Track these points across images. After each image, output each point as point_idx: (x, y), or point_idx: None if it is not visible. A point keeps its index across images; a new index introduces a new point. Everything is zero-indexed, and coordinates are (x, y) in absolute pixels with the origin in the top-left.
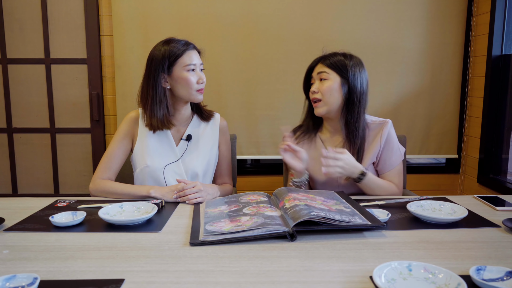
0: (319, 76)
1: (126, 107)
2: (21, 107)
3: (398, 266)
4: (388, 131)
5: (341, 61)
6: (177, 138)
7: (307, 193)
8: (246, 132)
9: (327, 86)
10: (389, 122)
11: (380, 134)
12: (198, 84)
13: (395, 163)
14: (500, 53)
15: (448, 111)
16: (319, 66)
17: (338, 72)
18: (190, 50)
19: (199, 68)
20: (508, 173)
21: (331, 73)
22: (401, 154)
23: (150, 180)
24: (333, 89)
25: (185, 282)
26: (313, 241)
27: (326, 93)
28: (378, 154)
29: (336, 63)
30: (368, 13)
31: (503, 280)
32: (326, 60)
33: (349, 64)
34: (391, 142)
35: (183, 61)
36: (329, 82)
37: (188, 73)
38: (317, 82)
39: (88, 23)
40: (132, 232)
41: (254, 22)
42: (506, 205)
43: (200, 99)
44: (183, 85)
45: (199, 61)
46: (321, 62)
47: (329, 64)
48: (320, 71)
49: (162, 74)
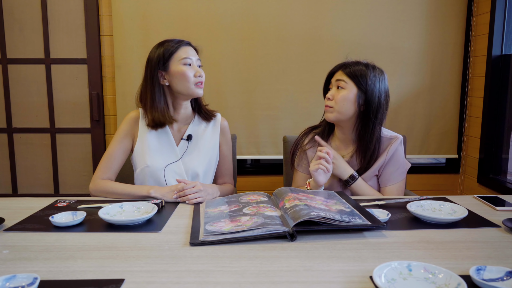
0: (337, 83)
1: (126, 107)
2: (21, 107)
3: (398, 266)
4: (396, 148)
5: (362, 71)
6: (178, 138)
7: (307, 193)
8: (246, 132)
9: (342, 96)
10: (399, 139)
11: (388, 150)
12: (196, 77)
13: (396, 179)
14: (500, 53)
15: (448, 111)
16: (339, 73)
17: (356, 82)
18: (184, 45)
19: (196, 63)
20: (508, 173)
21: (349, 82)
22: (405, 172)
23: (151, 180)
24: (347, 99)
25: (185, 282)
26: (313, 241)
27: (340, 102)
28: (381, 168)
29: (356, 72)
30: (368, 13)
31: (503, 280)
32: (347, 68)
33: (369, 76)
34: (397, 159)
35: (178, 56)
36: (345, 91)
37: (184, 67)
38: (333, 89)
39: (88, 23)
40: (132, 232)
41: (254, 22)
42: (506, 205)
43: (200, 94)
44: (180, 79)
45: (195, 56)
46: (342, 70)
47: (349, 73)
48: (338, 78)
49: (159, 72)
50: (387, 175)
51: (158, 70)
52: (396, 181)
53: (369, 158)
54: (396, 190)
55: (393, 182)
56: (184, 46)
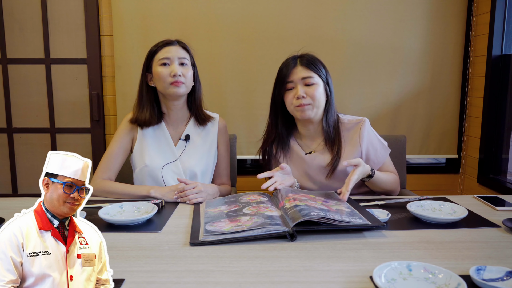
0: (304, 81)
1: (126, 107)
2: (21, 107)
3: (398, 266)
4: (366, 131)
5: (317, 63)
6: (176, 138)
7: (307, 193)
8: (246, 132)
9: (318, 91)
10: (366, 121)
11: (358, 134)
12: (171, 77)
13: (382, 159)
14: (500, 53)
15: (448, 111)
16: (300, 70)
17: (320, 76)
18: (167, 45)
19: (177, 62)
20: (508, 173)
21: (315, 76)
22: (385, 147)
23: (149, 179)
24: (322, 93)
25: (185, 282)
26: (313, 241)
27: (317, 97)
28: (362, 155)
29: (315, 66)
30: (369, 13)
31: (503, 280)
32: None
33: (323, 65)
34: (372, 140)
35: (158, 57)
36: (316, 86)
37: (160, 67)
38: (300, 87)
39: (88, 23)
40: (132, 232)
41: (254, 22)
42: (506, 205)
43: (176, 93)
44: (158, 80)
45: (177, 54)
46: (303, 66)
47: (313, 69)
48: (304, 76)
49: (147, 74)
50: (373, 159)
51: (146, 72)
52: (384, 159)
53: (336, 141)
54: (389, 164)
55: (382, 162)
56: (165, 47)
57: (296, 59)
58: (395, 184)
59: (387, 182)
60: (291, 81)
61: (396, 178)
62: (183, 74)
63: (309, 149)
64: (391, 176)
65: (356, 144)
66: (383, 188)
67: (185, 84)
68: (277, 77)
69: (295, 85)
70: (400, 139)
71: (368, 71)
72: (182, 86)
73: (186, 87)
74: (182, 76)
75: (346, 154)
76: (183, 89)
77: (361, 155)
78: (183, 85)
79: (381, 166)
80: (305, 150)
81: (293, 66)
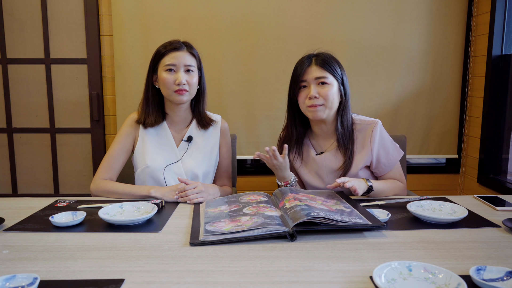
0: (317, 81)
1: (126, 107)
2: (21, 107)
3: (398, 266)
4: (378, 133)
5: (333, 63)
6: (178, 139)
7: (307, 193)
8: (246, 132)
9: (331, 91)
10: (378, 123)
11: (370, 137)
12: (175, 85)
13: (394, 162)
14: (500, 53)
15: (448, 111)
16: (314, 70)
17: (335, 76)
18: (175, 51)
19: (182, 69)
20: (508, 173)
21: (329, 77)
22: (398, 149)
23: (150, 180)
24: (335, 93)
25: (185, 282)
26: (313, 241)
27: (330, 98)
28: (373, 158)
29: (331, 66)
30: (369, 13)
31: (503, 280)
32: (325, 64)
33: (338, 66)
34: (385, 143)
35: (164, 61)
36: (330, 86)
37: (165, 73)
38: (313, 87)
39: (88, 23)
40: (132, 232)
41: (254, 22)
42: (506, 205)
43: (179, 100)
44: (162, 85)
45: (184, 61)
46: (318, 66)
47: (328, 69)
48: (318, 76)
49: (152, 74)
50: (384, 162)
51: (152, 73)
52: (395, 163)
53: (350, 144)
54: (397, 169)
55: (392, 165)
56: (172, 52)
57: (311, 58)
58: (398, 192)
59: (389, 192)
60: (305, 80)
61: (399, 185)
62: (187, 82)
63: (321, 149)
64: (394, 184)
65: (367, 147)
66: (386, 197)
67: (189, 92)
68: (292, 76)
69: (308, 84)
70: (400, 139)
71: (368, 71)
72: (185, 94)
73: (190, 94)
74: (186, 84)
75: (357, 159)
76: (187, 97)
77: (371, 158)
78: (187, 93)
79: (389, 172)
80: (317, 150)
81: (307, 65)
